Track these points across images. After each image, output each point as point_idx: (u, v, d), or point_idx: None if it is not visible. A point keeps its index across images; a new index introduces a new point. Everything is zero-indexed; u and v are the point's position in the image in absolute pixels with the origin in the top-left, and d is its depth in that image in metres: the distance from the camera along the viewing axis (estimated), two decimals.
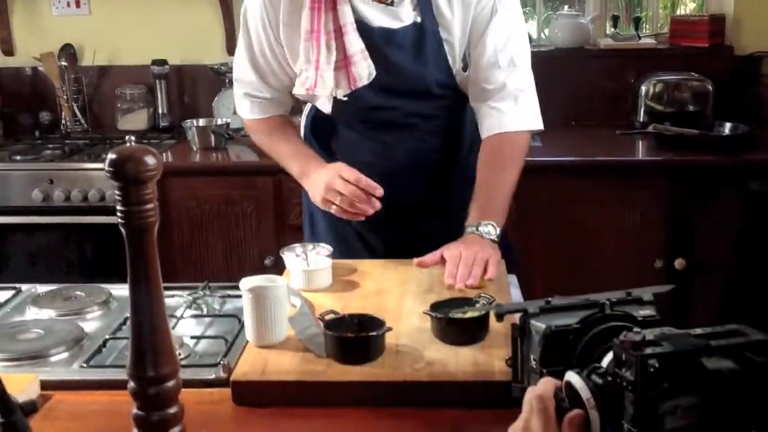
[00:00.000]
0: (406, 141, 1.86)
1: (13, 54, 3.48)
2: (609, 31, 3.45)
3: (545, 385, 0.90)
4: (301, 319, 1.43)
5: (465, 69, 1.81)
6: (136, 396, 1.03)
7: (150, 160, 0.99)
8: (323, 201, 1.74)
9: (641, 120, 3.13)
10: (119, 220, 1.00)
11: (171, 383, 1.03)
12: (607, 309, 1.01)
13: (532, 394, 0.89)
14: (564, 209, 2.78)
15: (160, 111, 3.38)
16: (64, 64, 3.35)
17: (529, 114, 1.81)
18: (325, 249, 1.72)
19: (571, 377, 0.87)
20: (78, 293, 1.65)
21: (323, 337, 1.33)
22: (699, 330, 0.85)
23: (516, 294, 1.64)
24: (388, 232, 1.91)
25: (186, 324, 1.52)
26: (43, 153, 3.04)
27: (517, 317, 1.09)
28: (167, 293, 1.25)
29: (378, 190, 1.68)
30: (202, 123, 3.11)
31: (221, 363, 1.31)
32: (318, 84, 1.71)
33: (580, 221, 2.78)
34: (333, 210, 1.73)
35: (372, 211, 1.70)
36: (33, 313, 1.58)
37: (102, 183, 2.82)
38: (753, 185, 2.72)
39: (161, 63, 3.32)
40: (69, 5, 3.41)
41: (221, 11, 3.33)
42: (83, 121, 3.39)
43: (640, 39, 3.36)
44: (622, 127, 3.14)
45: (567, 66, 3.28)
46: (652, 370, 0.80)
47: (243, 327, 1.43)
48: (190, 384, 1.22)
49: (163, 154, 2.97)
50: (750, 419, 0.82)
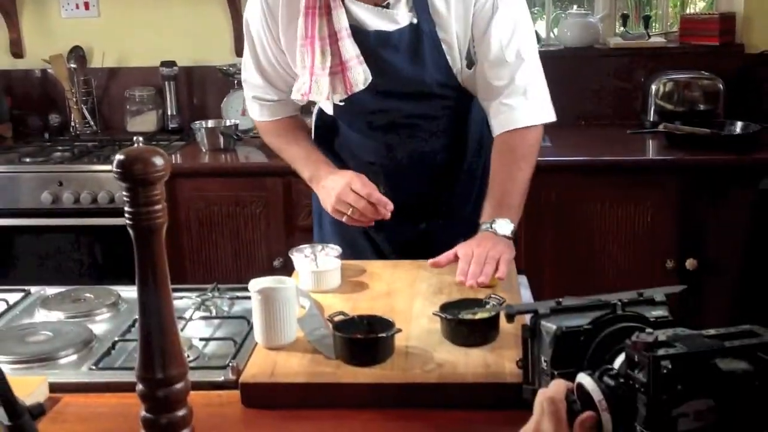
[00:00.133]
0: (408, 142, 1.86)
1: (23, 56, 3.49)
2: (618, 30, 3.43)
3: (556, 387, 0.89)
4: (310, 321, 1.43)
5: (470, 66, 1.80)
6: (144, 398, 1.03)
7: (158, 160, 0.98)
8: (334, 210, 1.77)
9: (651, 119, 3.11)
10: (127, 221, 0.99)
11: (180, 385, 1.03)
12: (619, 310, 1.00)
13: (543, 396, 0.88)
14: (574, 209, 2.76)
15: (169, 112, 3.38)
16: (73, 66, 3.35)
17: (540, 107, 1.80)
18: (334, 250, 1.72)
19: (583, 379, 0.86)
20: (87, 295, 1.65)
21: (332, 339, 1.32)
22: (712, 331, 0.84)
23: (526, 294, 1.63)
24: (394, 232, 1.90)
25: (195, 326, 1.51)
26: (53, 155, 3.05)
27: (528, 318, 1.08)
28: (176, 295, 1.25)
29: (389, 205, 1.71)
30: (211, 124, 3.11)
31: (230, 365, 1.31)
32: (313, 89, 1.71)
33: (590, 221, 2.76)
34: (343, 219, 1.76)
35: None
36: (42, 315, 1.58)
37: (111, 185, 2.82)
38: (764, 184, 2.70)
39: (170, 64, 3.33)
40: (78, 7, 3.42)
41: (230, 12, 3.33)
42: (92, 123, 3.40)
43: (649, 38, 3.34)
44: (632, 127, 3.13)
45: (576, 65, 3.27)
46: (665, 371, 0.79)
47: (252, 329, 1.42)
48: (198, 386, 1.22)
49: (172, 155, 2.97)
50: (765, 420, 0.81)
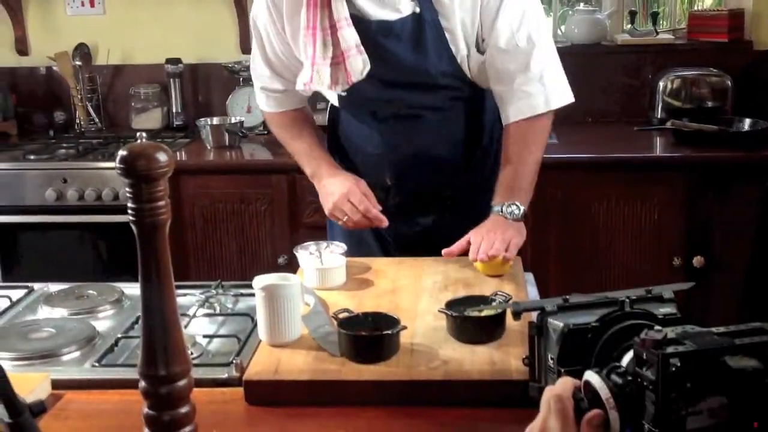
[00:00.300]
0: (413, 134, 1.86)
1: (28, 54, 3.49)
2: (626, 27, 3.42)
3: (563, 385, 0.88)
4: (315, 318, 1.42)
5: (480, 52, 1.80)
6: (147, 395, 1.02)
7: (161, 156, 0.98)
8: (330, 214, 1.86)
9: (659, 116, 3.09)
10: (131, 217, 0.99)
11: (183, 382, 1.02)
12: (627, 307, 0.99)
13: (550, 393, 0.87)
14: (581, 206, 2.75)
15: (174, 110, 3.37)
16: (78, 63, 3.35)
17: (557, 91, 1.81)
18: (339, 247, 1.71)
19: (591, 377, 0.85)
20: (90, 292, 1.65)
21: (337, 336, 1.31)
22: (722, 328, 0.83)
23: (533, 292, 1.62)
24: (400, 225, 1.91)
25: (198, 323, 1.51)
26: (57, 152, 3.04)
27: (535, 315, 1.07)
28: (179, 292, 1.25)
29: (384, 222, 1.79)
30: (216, 121, 3.10)
31: (234, 362, 1.30)
32: (314, 79, 1.73)
33: (596, 218, 2.75)
34: (338, 223, 1.85)
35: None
36: (45, 312, 1.58)
37: (116, 182, 2.81)
38: None
39: (175, 62, 3.32)
40: (83, 5, 3.42)
41: (235, 10, 3.32)
42: (97, 121, 3.39)
43: (657, 34, 3.32)
44: (639, 124, 3.11)
45: (584, 62, 3.24)
46: (674, 369, 0.78)
47: (256, 326, 1.41)
48: (202, 383, 1.21)
49: (177, 152, 2.96)
50: None
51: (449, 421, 1.17)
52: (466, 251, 1.67)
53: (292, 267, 1.78)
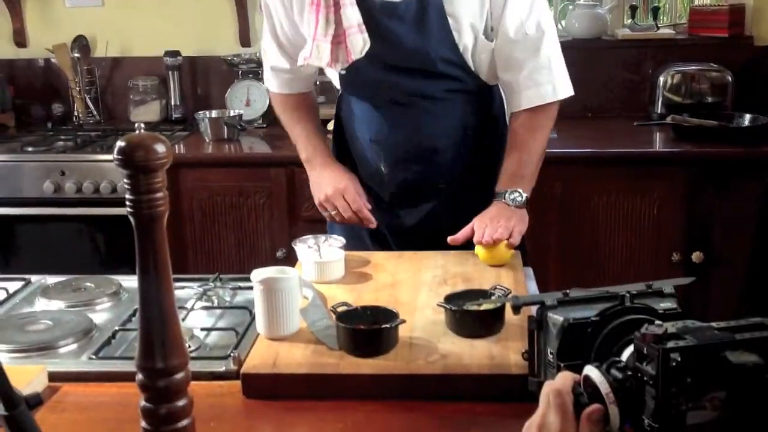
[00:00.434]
0: (409, 122, 1.86)
1: (26, 46, 3.47)
2: (627, 22, 3.41)
3: (563, 380, 0.87)
4: (313, 311, 1.42)
5: (489, 40, 1.81)
6: (144, 388, 1.02)
7: (159, 147, 0.97)
8: (319, 204, 1.92)
9: (659, 111, 3.09)
10: (128, 209, 0.98)
11: (180, 375, 1.02)
12: (627, 301, 0.99)
13: (549, 388, 0.87)
14: (580, 201, 2.74)
15: (172, 102, 3.37)
16: (76, 55, 3.34)
17: (563, 82, 1.84)
18: (338, 241, 1.71)
19: (590, 371, 0.85)
20: (88, 284, 1.65)
21: (335, 330, 1.31)
22: (722, 323, 0.83)
23: (532, 287, 1.62)
24: (393, 214, 1.93)
25: (196, 316, 1.50)
26: (55, 144, 3.04)
27: (534, 309, 1.07)
28: (177, 285, 1.24)
29: (372, 224, 1.86)
30: (214, 114, 3.09)
31: (231, 355, 1.30)
32: (313, 54, 1.75)
33: (596, 213, 2.75)
34: (324, 214, 1.92)
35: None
36: (42, 304, 1.57)
37: (114, 175, 2.80)
38: None
39: (174, 54, 3.31)
40: None
41: (234, 2, 3.31)
42: (96, 113, 3.38)
43: (658, 29, 3.31)
44: (639, 119, 3.10)
45: (584, 57, 3.23)
46: (674, 364, 0.77)
47: (254, 319, 1.41)
48: (199, 376, 1.21)
49: (176, 145, 2.96)
50: None
51: (448, 415, 1.17)
52: (470, 237, 1.70)
53: (290, 260, 1.77)
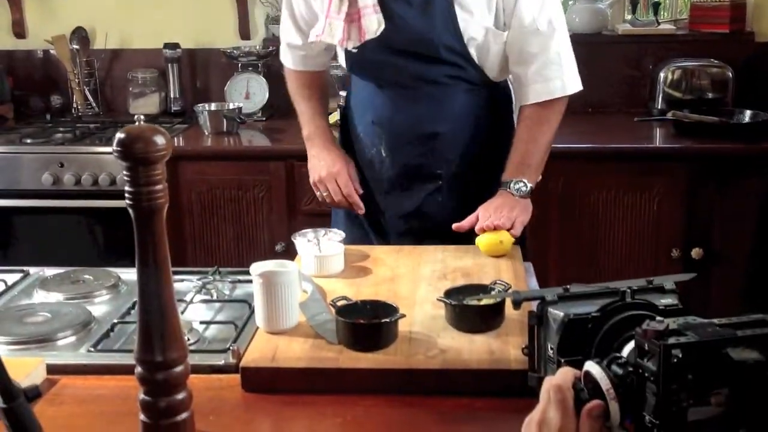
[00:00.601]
0: (410, 105, 1.87)
1: (25, 37, 3.46)
2: (627, 17, 3.40)
3: (563, 375, 0.87)
4: (313, 305, 1.41)
5: (498, 27, 1.83)
6: (143, 381, 1.02)
7: (159, 139, 0.97)
8: (313, 184, 1.98)
9: (659, 107, 3.08)
10: (128, 201, 0.98)
11: (179, 369, 1.02)
12: (628, 297, 0.98)
13: (549, 384, 0.86)
14: (580, 197, 2.74)
15: (171, 95, 3.35)
16: (75, 47, 3.33)
17: (572, 77, 1.87)
18: (338, 235, 1.71)
19: (591, 367, 0.84)
20: (86, 277, 1.64)
21: (335, 324, 1.31)
22: (724, 320, 0.82)
23: (532, 282, 1.62)
24: (392, 199, 1.95)
25: (195, 309, 1.50)
26: (54, 136, 3.03)
27: (534, 305, 1.07)
28: (176, 278, 1.24)
29: (361, 210, 1.94)
30: (214, 107, 3.08)
31: (231, 349, 1.29)
32: (325, 32, 1.79)
33: (596, 209, 2.74)
34: (316, 194, 1.99)
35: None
36: (41, 297, 1.57)
37: (112, 167, 2.80)
38: None
39: (173, 47, 3.30)
40: None
41: None
42: (95, 105, 3.37)
43: (659, 24, 3.31)
44: (639, 114, 3.10)
45: (584, 52, 3.19)
46: (675, 360, 0.77)
47: (253, 312, 1.41)
48: (198, 370, 1.21)
49: (175, 138, 2.95)
50: None
51: (447, 410, 1.17)
52: (475, 224, 1.74)
53: (289, 254, 1.77)
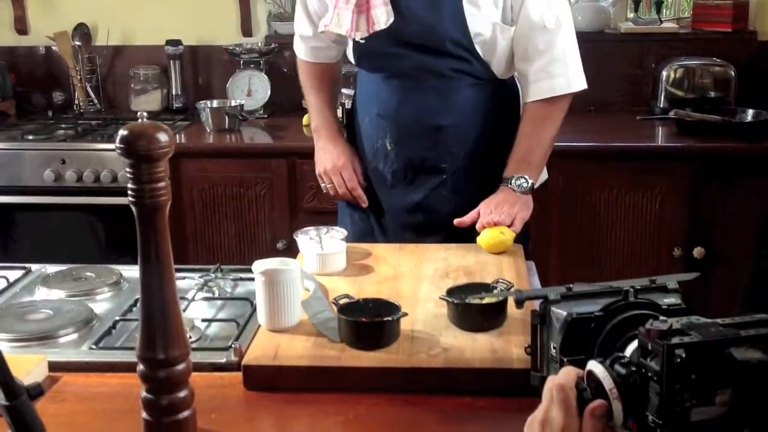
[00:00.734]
0: (415, 97, 1.88)
1: (27, 33, 3.46)
2: (630, 15, 3.39)
3: (566, 375, 0.87)
4: (315, 303, 1.41)
5: (506, 23, 1.83)
6: (145, 379, 1.02)
7: (162, 136, 0.97)
8: (318, 175, 2.01)
9: (662, 106, 3.07)
10: (130, 198, 0.98)
11: (181, 366, 1.02)
12: (631, 296, 0.98)
13: (552, 383, 0.86)
14: (582, 196, 2.74)
15: (173, 92, 3.35)
16: (77, 43, 3.32)
17: (577, 75, 1.88)
18: (340, 232, 1.70)
19: (594, 367, 0.84)
20: (88, 274, 1.64)
21: (337, 322, 1.31)
22: (727, 319, 0.82)
23: (534, 281, 1.62)
24: (396, 193, 1.95)
25: (197, 306, 1.50)
26: (56, 133, 3.02)
27: (537, 304, 1.06)
28: (178, 275, 1.23)
29: (364, 203, 1.96)
30: (215, 104, 3.08)
31: (232, 346, 1.29)
32: (333, 22, 1.81)
33: (597, 208, 2.74)
34: (321, 184, 2.02)
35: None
36: (42, 294, 1.57)
37: (114, 164, 2.79)
38: None
39: (175, 43, 3.29)
40: None
41: None
42: (96, 102, 3.37)
43: (661, 23, 3.30)
44: (642, 113, 3.09)
45: (586, 50, 3.18)
46: (679, 360, 0.77)
47: (255, 310, 1.41)
48: (200, 367, 1.21)
49: (177, 135, 2.94)
50: None
51: (449, 409, 1.16)
52: (476, 220, 1.75)
53: (291, 252, 1.77)
